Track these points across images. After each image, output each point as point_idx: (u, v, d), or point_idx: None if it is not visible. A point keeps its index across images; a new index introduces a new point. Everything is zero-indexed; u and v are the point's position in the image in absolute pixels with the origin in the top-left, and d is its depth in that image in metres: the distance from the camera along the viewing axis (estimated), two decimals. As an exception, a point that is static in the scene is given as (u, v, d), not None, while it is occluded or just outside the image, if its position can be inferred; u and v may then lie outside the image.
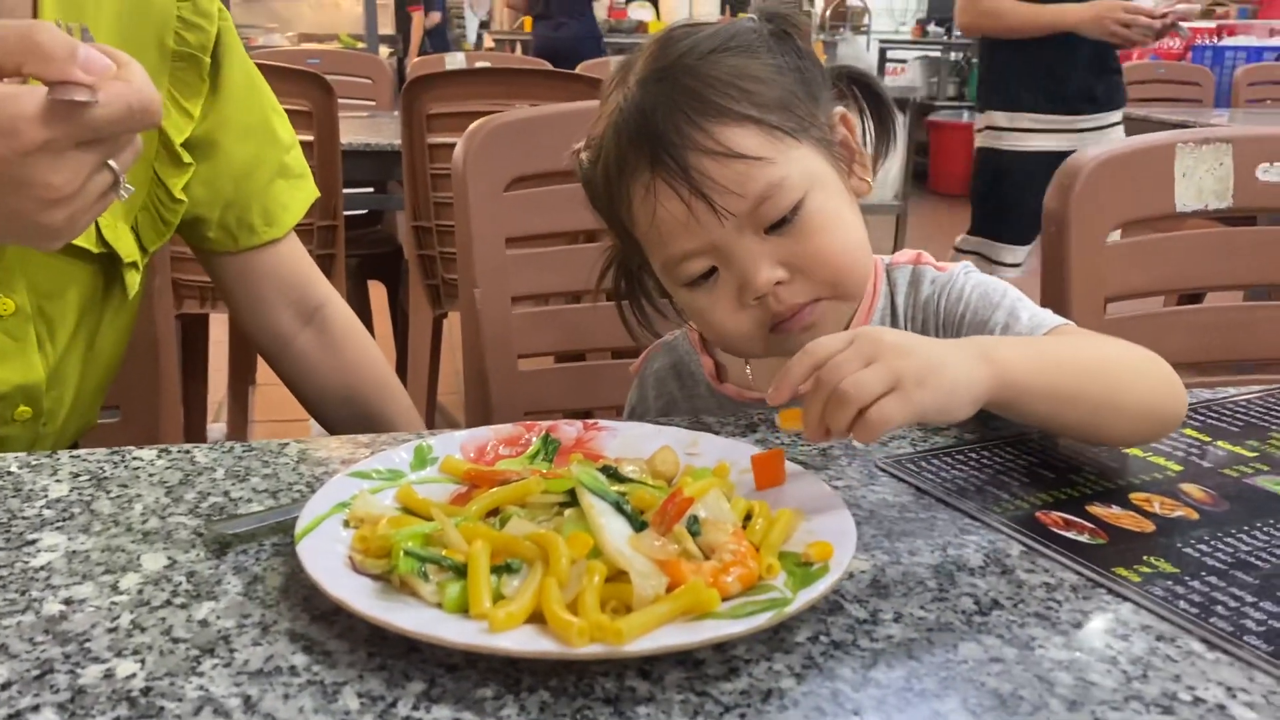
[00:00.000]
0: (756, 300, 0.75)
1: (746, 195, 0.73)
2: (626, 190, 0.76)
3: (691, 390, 0.91)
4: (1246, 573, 0.56)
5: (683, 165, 0.72)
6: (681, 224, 0.74)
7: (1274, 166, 1.03)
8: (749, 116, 0.73)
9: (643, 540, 0.51)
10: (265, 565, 0.55)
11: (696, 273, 0.76)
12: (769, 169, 0.73)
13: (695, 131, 0.72)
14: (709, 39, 0.77)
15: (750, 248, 0.74)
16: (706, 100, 0.73)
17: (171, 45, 0.85)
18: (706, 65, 0.75)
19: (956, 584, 0.55)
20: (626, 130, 0.75)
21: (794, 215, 0.74)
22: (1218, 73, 5.08)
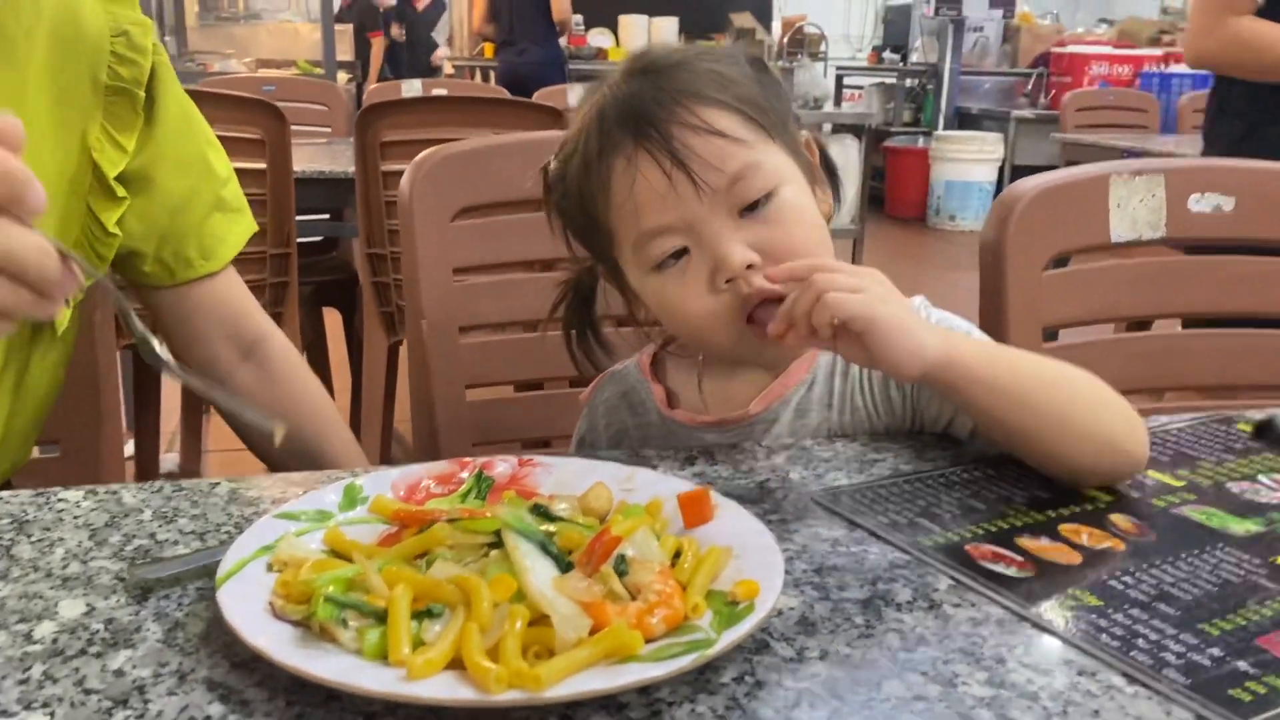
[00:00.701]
0: (728, 283, 0.76)
1: (725, 170, 0.75)
2: (606, 168, 0.78)
3: (642, 418, 0.91)
4: (1168, 604, 0.56)
5: (666, 135, 0.75)
6: (660, 196, 0.75)
7: (1205, 197, 1.06)
8: (729, 104, 0.77)
9: (568, 581, 0.51)
10: (187, 611, 0.54)
11: (668, 251, 0.77)
12: (747, 150, 0.76)
13: (679, 108, 0.76)
14: (692, 50, 0.82)
15: (724, 227, 0.76)
16: (690, 86, 0.77)
17: (105, 80, 0.84)
18: (688, 64, 0.79)
19: (884, 620, 0.55)
20: (612, 111, 0.78)
21: (768, 201, 0.76)
22: (1165, 99, 5.20)
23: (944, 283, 5.38)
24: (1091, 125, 4.04)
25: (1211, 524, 0.67)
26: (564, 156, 0.83)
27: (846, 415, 0.85)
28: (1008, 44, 7.82)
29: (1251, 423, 0.85)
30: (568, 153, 0.82)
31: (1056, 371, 0.74)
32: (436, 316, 1.17)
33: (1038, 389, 0.72)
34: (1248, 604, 0.57)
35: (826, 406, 0.85)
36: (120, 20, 0.85)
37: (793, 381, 0.85)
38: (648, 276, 0.80)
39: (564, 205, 0.84)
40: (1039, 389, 0.72)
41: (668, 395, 0.90)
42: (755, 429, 0.85)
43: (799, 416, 0.85)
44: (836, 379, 0.86)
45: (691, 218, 0.76)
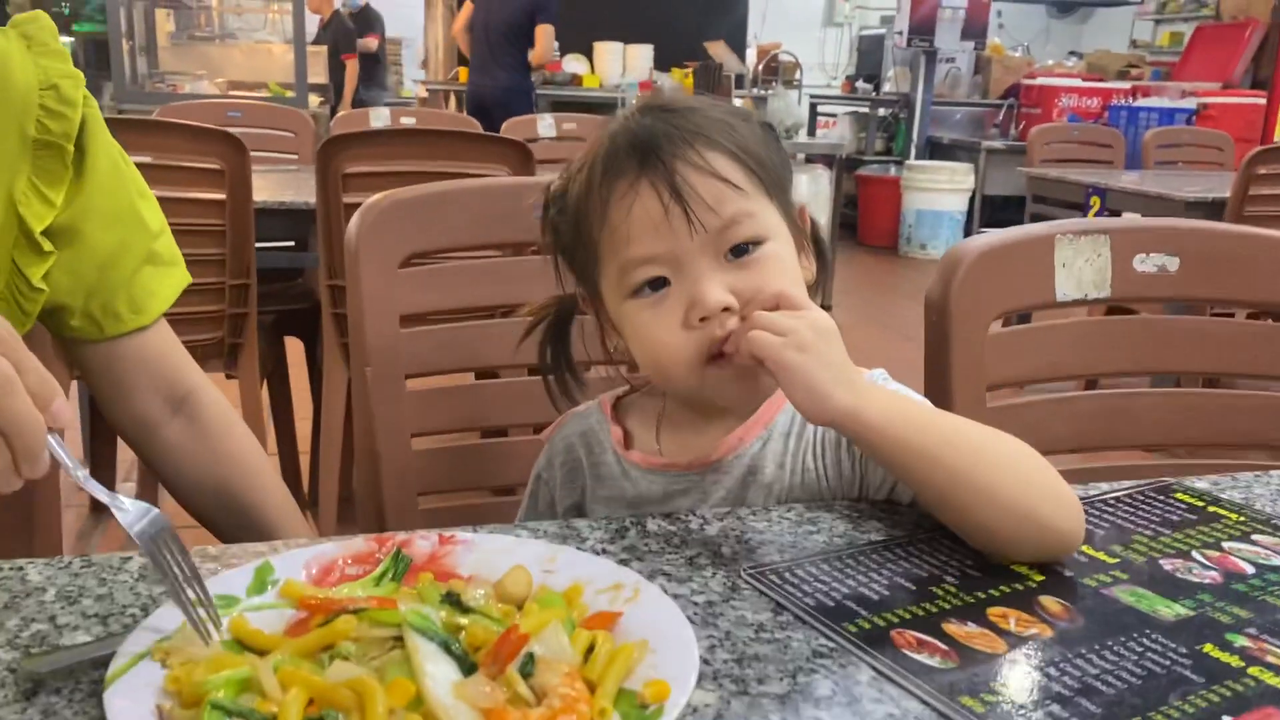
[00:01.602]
0: (701, 321, 0.77)
1: (720, 213, 0.77)
2: (608, 190, 0.79)
3: (598, 458, 0.91)
4: (1090, 699, 0.56)
5: (670, 169, 0.77)
6: (653, 225, 0.77)
7: (1150, 257, 1.06)
8: (733, 153, 0.80)
9: (469, 686, 0.49)
10: (77, 709, 0.52)
11: (648, 279, 0.79)
12: (744, 199, 0.79)
13: (687, 148, 0.78)
14: (702, 98, 0.85)
15: (709, 267, 0.78)
16: (700, 128, 0.79)
17: (33, 133, 0.82)
18: (701, 109, 0.82)
19: (800, 717, 0.54)
20: (622, 139, 0.80)
21: (755, 248, 0.79)
22: (1131, 133, 5.28)
23: (914, 312, 5.41)
24: (1058, 160, 4.08)
25: (1141, 607, 0.66)
26: (569, 174, 0.85)
27: (798, 476, 0.85)
28: (979, 75, 7.90)
29: (1193, 493, 0.85)
30: (573, 171, 0.84)
31: (982, 440, 0.74)
32: (381, 364, 1.15)
33: (955, 454, 0.72)
34: (1169, 699, 0.56)
35: (779, 466, 0.85)
36: (50, 74, 0.83)
37: (749, 437, 0.86)
38: (626, 302, 0.81)
39: (558, 221, 0.86)
40: (957, 454, 0.72)
41: (625, 437, 0.91)
42: (706, 479, 0.86)
43: (751, 473, 0.85)
44: (791, 439, 0.86)
45: (680, 252, 0.77)
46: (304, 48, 5.27)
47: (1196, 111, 6.08)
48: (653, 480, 0.87)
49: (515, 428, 1.32)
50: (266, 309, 2.56)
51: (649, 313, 0.79)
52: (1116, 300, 1.05)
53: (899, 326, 5.17)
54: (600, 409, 0.93)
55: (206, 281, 2.24)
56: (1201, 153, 4.21)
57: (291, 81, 5.37)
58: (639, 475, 0.88)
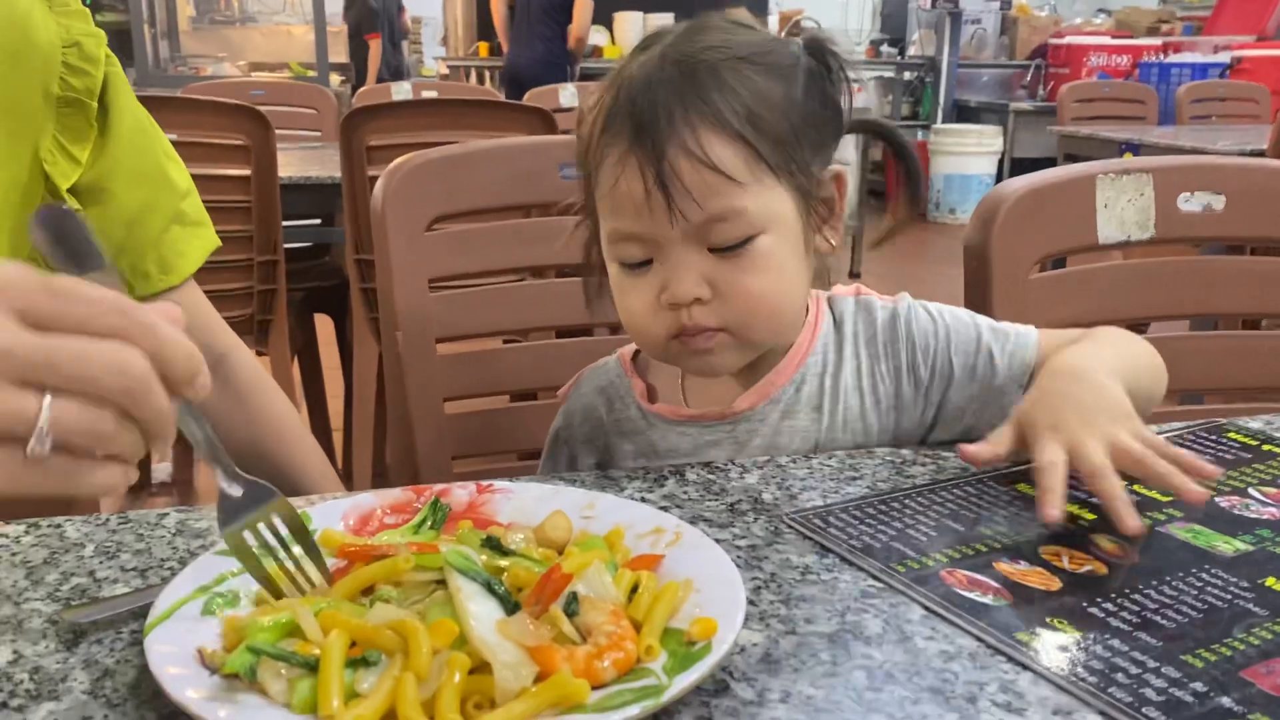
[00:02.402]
0: (671, 306, 0.76)
1: (705, 208, 0.73)
2: (600, 152, 0.77)
3: (621, 413, 0.89)
4: (1150, 634, 0.54)
5: (658, 153, 0.72)
6: (635, 207, 0.74)
7: (1195, 196, 1.03)
8: (741, 136, 0.74)
9: (513, 624, 0.48)
10: (119, 657, 0.52)
11: (632, 257, 0.77)
12: (736, 194, 0.74)
13: (685, 128, 0.73)
14: (744, 45, 0.78)
15: (686, 257, 0.75)
16: (710, 103, 0.73)
17: (57, 91, 0.82)
18: (729, 69, 0.75)
19: (851, 655, 0.52)
20: (626, 95, 0.75)
21: (741, 246, 0.75)
22: (1163, 89, 5.17)
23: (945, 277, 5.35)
24: (1089, 117, 4.02)
25: (1198, 543, 0.64)
26: (595, 101, 0.79)
27: (838, 416, 0.83)
28: (1005, 36, 7.78)
29: (1246, 432, 0.83)
30: (595, 99, 0.79)
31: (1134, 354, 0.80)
32: (411, 328, 1.14)
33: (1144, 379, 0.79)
34: (1233, 632, 0.54)
35: (815, 409, 0.83)
36: (72, 31, 0.83)
37: (781, 380, 0.83)
38: (612, 262, 0.80)
39: (579, 149, 0.81)
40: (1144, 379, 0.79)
41: (648, 390, 0.88)
42: (739, 428, 0.83)
43: (786, 417, 0.83)
44: (827, 379, 0.84)
45: (660, 236, 0.75)
46: (324, 27, 5.27)
47: (1230, 66, 5.95)
48: (683, 432, 0.85)
49: (545, 390, 1.31)
50: (295, 286, 2.56)
51: (628, 281, 0.78)
52: (1161, 241, 1.02)
53: (930, 292, 5.07)
54: (619, 363, 0.91)
55: (235, 258, 2.25)
56: (1237, 106, 4.13)
57: (312, 61, 5.37)
58: (666, 428, 0.86)
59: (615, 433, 0.89)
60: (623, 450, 0.89)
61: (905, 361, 0.83)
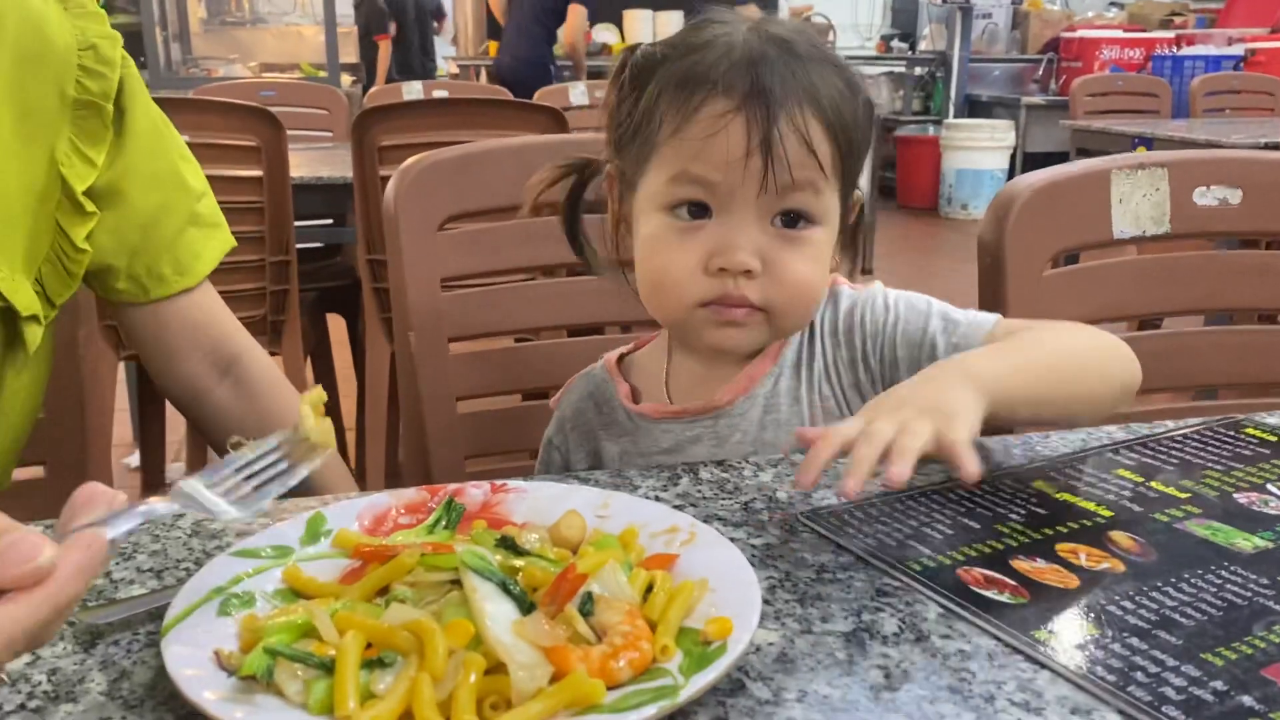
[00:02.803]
0: (719, 271, 0.77)
1: (794, 179, 0.76)
2: (701, 98, 0.76)
3: (608, 416, 0.91)
4: (1169, 632, 0.53)
5: (773, 115, 0.74)
6: (726, 160, 0.75)
7: (1211, 190, 1.02)
8: (833, 130, 0.77)
9: (529, 624, 0.48)
10: (135, 658, 0.52)
11: (693, 199, 0.77)
12: (820, 177, 0.77)
13: (794, 103, 0.75)
14: (823, 51, 0.80)
15: (754, 224, 0.77)
16: (814, 91, 0.76)
17: (72, 93, 0.82)
18: (819, 68, 0.78)
19: (868, 655, 0.52)
20: (742, 53, 0.76)
21: (804, 226, 0.78)
22: (1177, 83, 5.13)
23: (958, 274, 5.33)
24: (1102, 111, 3.99)
25: (1217, 540, 0.64)
26: (663, 53, 0.80)
27: (817, 408, 0.85)
28: (1017, 30, 7.74)
29: (1264, 428, 0.82)
30: (670, 52, 0.79)
31: (1059, 350, 0.78)
32: (424, 327, 1.15)
33: (1055, 381, 0.77)
34: (1254, 630, 0.53)
35: (794, 400, 0.85)
36: (88, 34, 0.83)
37: (759, 374, 0.85)
38: (657, 213, 0.80)
39: (628, 94, 0.81)
40: (1056, 381, 0.77)
41: (633, 392, 0.91)
42: (720, 423, 0.85)
43: (768, 411, 0.85)
44: (802, 370, 0.86)
45: (737, 195, 0.76)
46: (335, 27, 5.28)
47: (1244, 58, 5.91)
48: (665, 429, 0.87)
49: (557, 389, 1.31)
50: (308, 286, 2.57)
51: (675, 235, 0.78)
52: (1177, 235, 1.02)
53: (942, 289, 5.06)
54: (605, 368, 0.93)
55: (247, 259, 2.25)
56: (1251, 99, 4.10)
57: (323, 62, 5.39)
58: (650, 426, 0.88)
59: (604, 435, 0.91)
60: (609, 451, 0.91)
61: (859, 350, 0.85)
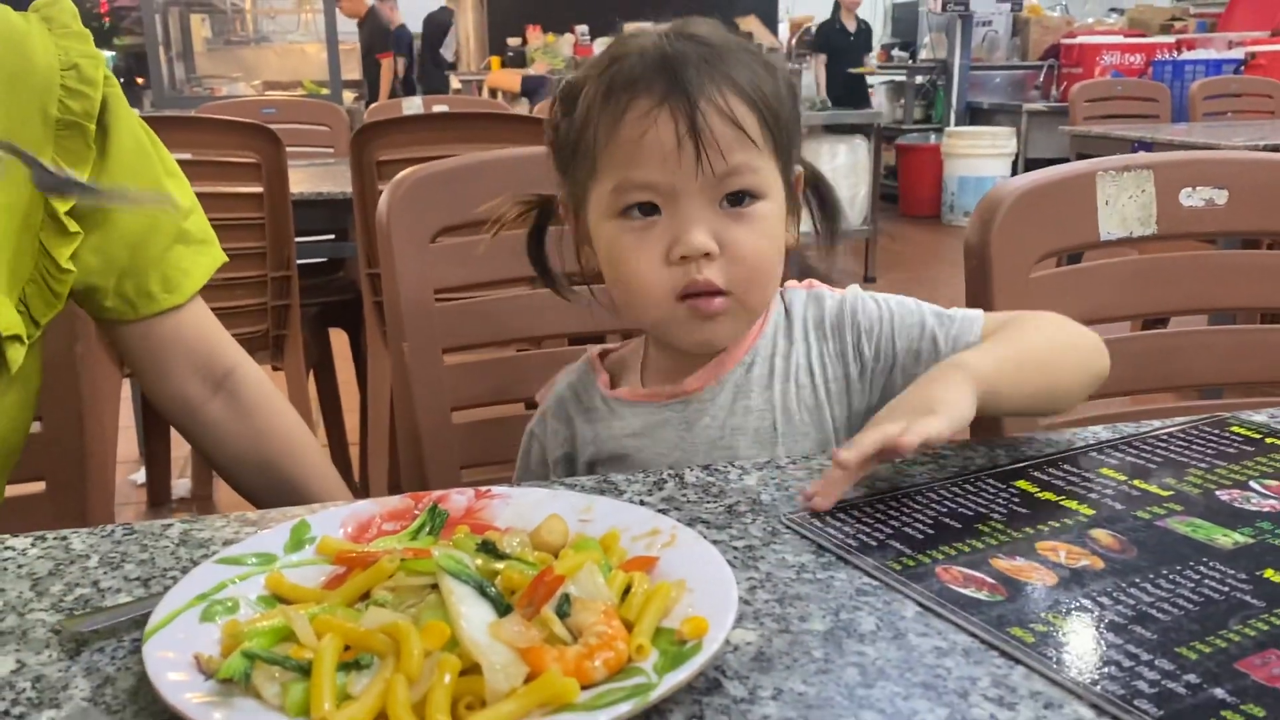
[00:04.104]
0: (681, 260, 0.79)
1: (729, 160, 0.77)
2: (625, 104, 0.79)
3: (587, 403, 0.94)
4: (1145, 627, 0.54)
5: (694, 103, 0.76)
6: (661, 154, 0.77)
7: (1197, 191, 1.02)
8: (757, 105, 0.79)
9: (505, 626, 0.48)
10: (119, 665, 0.52)
11: (639, 201, 0.79)
12: (754, 152, 0.79)
13: (714, 88, 0.77)
14: (732, 38, 0.83)
15: (702, 210, 0.79)
16: (728, 72, 0.78)
17: (55, 113, 0.83)
18: (734, 53, 0.80)
19: (844, 653, 0.52)
20: (653, 56, 0.79)
21: (750, 202, 0.80)
22: (1177, 87, 5.13)
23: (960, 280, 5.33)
24: (1102, 116, 4.00)
25: (1197, 536, 0.64)
26: (586, 74, 0.83)
27: (790, 398, 0.87)
28: (1017, 37, 7.76)
29: (1249, 425, 0.82)
30: (591, 73, 0.82)
31: (1041, 345, 0.82)
32: (418, 338, 1.15)
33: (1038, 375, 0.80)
34: (1229, 624, 0.54)
35: (766, 388, 0.87)
36: (70, 54, 0.84)
37: (731, 362, 0.87)
38: (609, 221, 0.81)
39: (562, 120, 0.84)
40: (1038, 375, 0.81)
41: (611, 380, 0.93)
42: (689, 408, 0.87)
43: (740, 398, 0.87)
44: (777, 360, 0.88)
45: (679, 187, 0.78)
46: (336, 45, 5.31)
47: (1245, 62, 5.91)
48: (635, 412, 0.89)
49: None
50: (310, 301, 2.58)
51: (631, 237, 0.80)
52: (1164, 236, 1.02)
53: (946, 297, 5.08)
54: (588, 360, 0.96)
55: (248, 275, 2.27)
56: (1251, 102, 4.10)
57: (326, 79, 5.42)
58: (624, 409, 0.90)
59: (579, 420, 0.93)
60: (583, 436, 0.93)
61: (851, 345, 0.87)
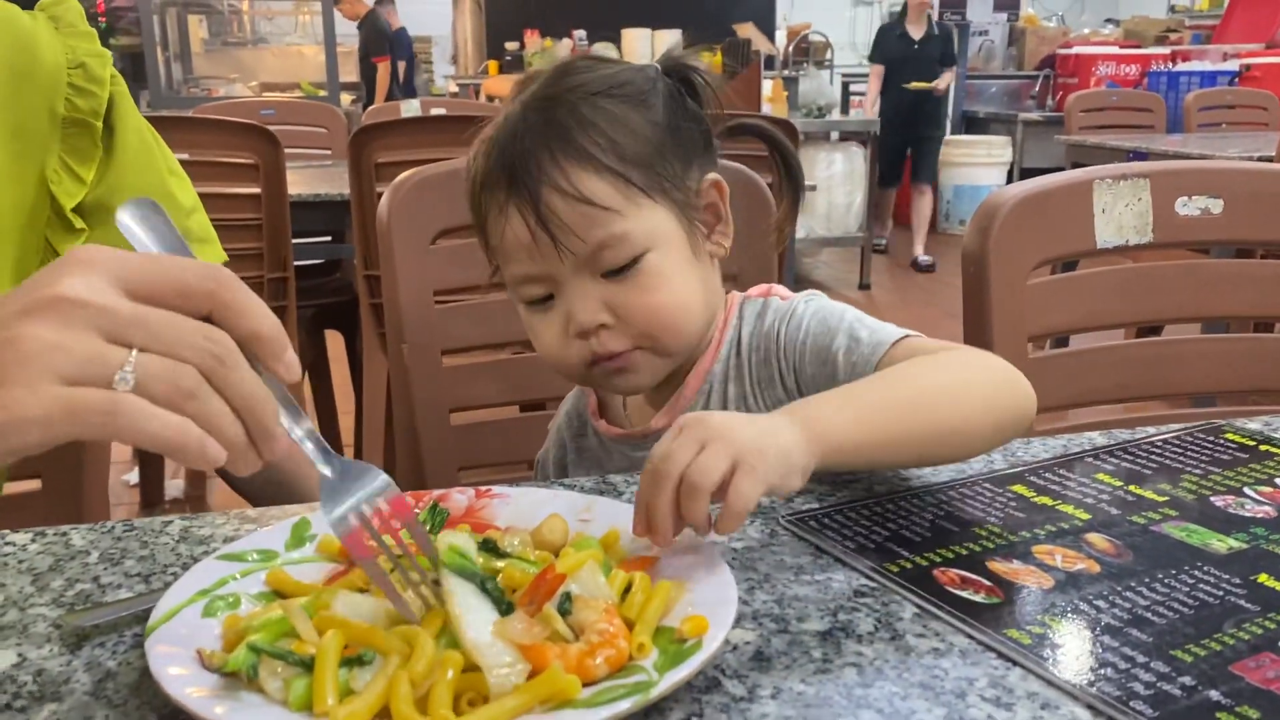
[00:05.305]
0: (579, 335, 0.79)
1: (587, 240, 0.76)
2: (484, 205, 0.81)
3: (580, 430, 0.94)
4: (1141, 630, 0.54)
5: (534, 197, 0.76)
6: (525, 250, 0.78)
7: (1193, 200, 1.03)
8: (609, 168, 0.77)
9: (508, 624, 0.49)
10: (121, 659, 0.53)
11: (534, 296, 0.81)
12: (615, 221, 0.77)
13: (554, 169, 0.76)
14: (600, 80, 0.81)
15: (582, 287, 0.78)
16: (573, 142, 0.77)
17: (62, 111, 0.83)
18: (587, 106, 0.78)
19: (842, 653, 0.53)
20: (497, 148, 0.79)
21: (631, 267, 0.78)
22: (1172, 98, 5.16)
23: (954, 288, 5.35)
24: (1097, 126, 4.01)
25: (1192, 541, 0.64)
26: (473, 161, 0.83)
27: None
28: (1013, 47, 7.79)
29: (1244, 433, 0.83)
30: (473, 160, 0.83)
31: (918, 388, 0.71)
32: (418, 340, 1.16)
33: (912, 421, 0.69)
34: (1224, 628, 0.54)
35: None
36: (78, 52, 0.84)
37: (691, 394, 0.87)
38: (518, 305, 0.84)
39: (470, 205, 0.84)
40: (912, 420, 0.69)
41: (600, 405, 0.93)
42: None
43: None
44: (730, 385, 0.87)
45: (554, 272, 0.78)
46: (334, 47, 5.32)
47: (1239, 73, 5.94)
48: (619, 449, 0.90)
49: (551, 400, 1.32)
50: (306, 303, 2.59)
51: (537, 319, 0.82)
52: (1160, 245, 1.03)
53: (942, 304, 5.11)
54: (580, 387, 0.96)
55: (245, 275, 2.25)
56: (1245, 114, 4.12)
57: (323, 81, 5.42)
58: (611, 445, 0.91)
59: (572, 451, 0.94)
60: (579, 467, 0.94)
61: (775, 369, 0.85)
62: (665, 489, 0.57)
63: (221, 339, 0.47)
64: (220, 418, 0.46)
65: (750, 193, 1.09)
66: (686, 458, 0.57)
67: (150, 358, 0.45)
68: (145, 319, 0.46)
